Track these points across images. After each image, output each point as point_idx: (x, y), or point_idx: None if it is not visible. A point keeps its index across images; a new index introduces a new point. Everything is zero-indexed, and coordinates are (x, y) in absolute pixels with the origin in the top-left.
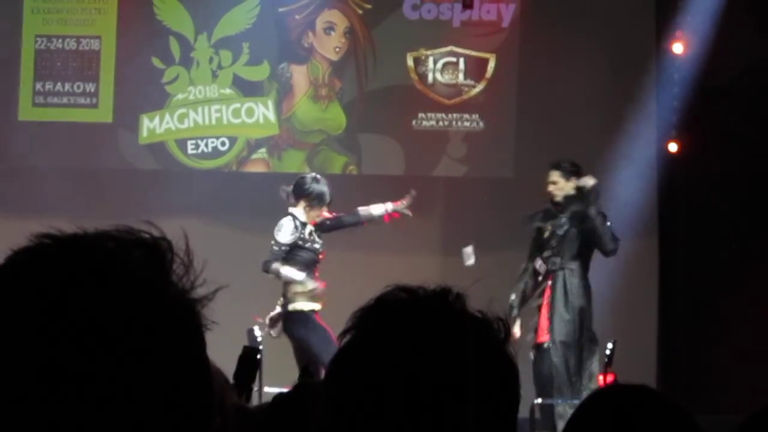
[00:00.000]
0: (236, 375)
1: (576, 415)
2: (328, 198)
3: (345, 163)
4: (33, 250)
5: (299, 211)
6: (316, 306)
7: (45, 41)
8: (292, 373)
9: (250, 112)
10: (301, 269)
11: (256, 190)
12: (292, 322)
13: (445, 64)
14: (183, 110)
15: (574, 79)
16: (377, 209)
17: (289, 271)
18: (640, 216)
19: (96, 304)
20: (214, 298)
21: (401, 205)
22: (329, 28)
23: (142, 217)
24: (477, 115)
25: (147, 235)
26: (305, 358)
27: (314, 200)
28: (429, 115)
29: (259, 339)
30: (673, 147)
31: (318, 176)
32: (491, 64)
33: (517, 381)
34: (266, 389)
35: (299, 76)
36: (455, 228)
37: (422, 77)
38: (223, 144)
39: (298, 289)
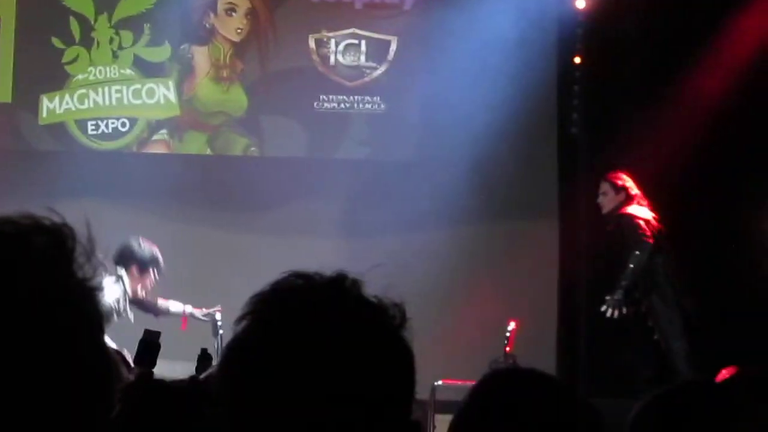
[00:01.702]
0: (137, 358)
1: (466, 399)
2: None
3: (246, 145)
4: None
5: (127, 279)
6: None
7: None
8: None
9: (150, 93)
10: None
11: (156, 172)
12: None
13: (346, 46)
14: (83, 91)
15: (481, 61)
16: (175, 306)
17: None
18: (540, 196)
19: None
20: None
21: (199, 312)
22: (231, 9)
23: (42, 198)
24: (378, 98)
25: (48, 222)
26: None
27: (148, 264)
28: (331, 97)
29: (219, 323)
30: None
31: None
32: (393, 47)
33: (412, 366)
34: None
35: (200, 57)
36: (357, 210)
37: (324, 59)
38: (123, 125)
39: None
